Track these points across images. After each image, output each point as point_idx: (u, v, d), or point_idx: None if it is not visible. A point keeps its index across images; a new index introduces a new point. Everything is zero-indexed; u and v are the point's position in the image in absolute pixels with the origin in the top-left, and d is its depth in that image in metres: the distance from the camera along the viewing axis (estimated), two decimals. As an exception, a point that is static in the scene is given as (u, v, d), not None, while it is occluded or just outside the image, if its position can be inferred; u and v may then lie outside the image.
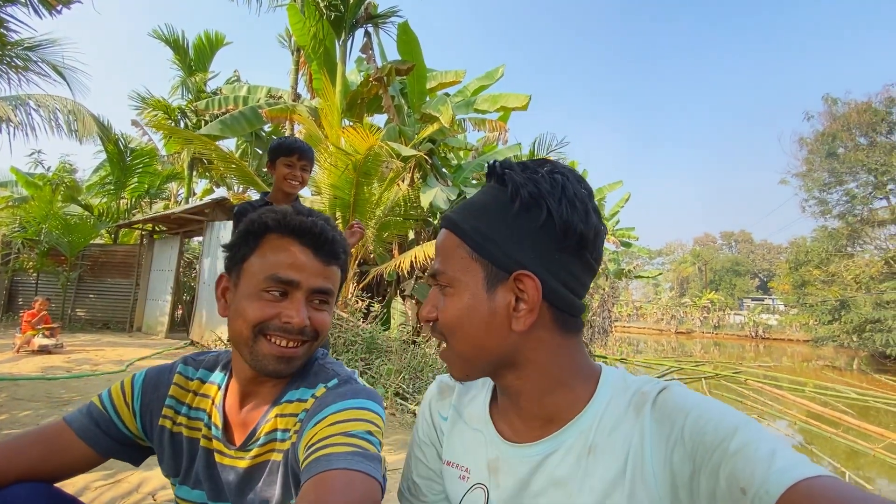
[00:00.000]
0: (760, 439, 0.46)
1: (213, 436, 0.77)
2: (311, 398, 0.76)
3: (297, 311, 0.73)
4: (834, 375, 13.38)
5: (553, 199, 0.57)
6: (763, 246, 60.49)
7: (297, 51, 9.24)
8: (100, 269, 10.91)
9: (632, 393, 0.60)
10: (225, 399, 0.80)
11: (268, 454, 0.75)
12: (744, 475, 0.44)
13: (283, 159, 2.05)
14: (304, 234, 0.75)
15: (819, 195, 17.67)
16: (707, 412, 0.52)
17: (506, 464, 0.63)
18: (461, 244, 0.61)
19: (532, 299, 0.58)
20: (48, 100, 8.44)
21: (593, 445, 0.57)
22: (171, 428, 0.80)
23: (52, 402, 3.81)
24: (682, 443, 0.51)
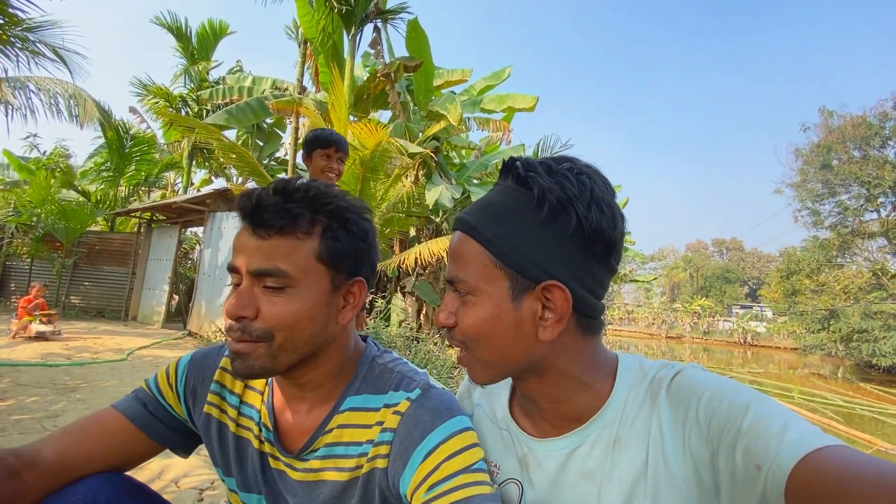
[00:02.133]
0: (772, 414, 0.46)
1: (266, 438, 0.71)
2: (384, 408, 0.67)
3: (230, 302, 0.62)
4: (820, 383, 13.63)
5: (582, 204, 0.55)
6: (753, 254, 61.23)
7: (304, 43, 9.18)
8: (96, 256, 10.79)
9: (649, 380, 0.59)
10: (273, 397, 0.73)
11: (331, 472, 0.67)
12: (757, 451, 0.44)
13: (321, 151, 2.06)
14: (245, 212, 0.64)
15: (812, 206, 17.94)
16: (719, 392, 0.52)
17: (534, 459, 0.63)
18: (483, 251, 0.58)
19: (561, 309, 0.56)
20: (49, 83, 8.31)
21: (618, 438, 0.57)
22: (219, 418, 0.74)
23: (58, 388, 3.78)
24: (697, 425, 0.51)
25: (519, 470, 0.64)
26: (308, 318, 0.64)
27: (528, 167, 0.58)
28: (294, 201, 0.64)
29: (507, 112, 9.19)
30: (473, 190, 8.05)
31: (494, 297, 0.57)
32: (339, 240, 0.66)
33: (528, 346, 0.58)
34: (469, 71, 9.32)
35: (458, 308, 0.60)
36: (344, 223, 0.66)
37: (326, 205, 0.65)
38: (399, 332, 6.05)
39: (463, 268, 0.59)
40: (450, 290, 0.61)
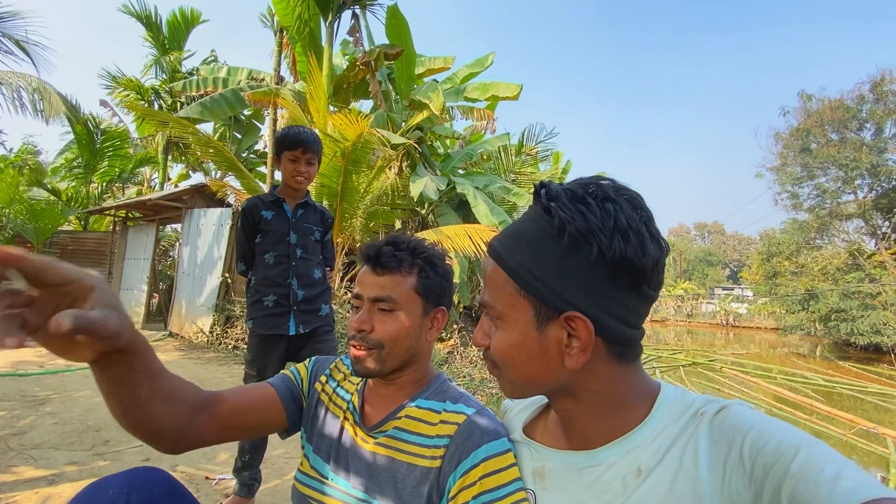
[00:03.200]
0: (825, 459, 0.44)
1: (351, 414, 0.92)
2: (444, 413, 0.85)
3: (357, 319, 0.87)
4: (799, 362, 13.99)
5: (604, 234, 0.54)
6: (734, 237, 62.50)
7: (280, 31, 8.86)
8: (69, 257, 10.40)
9: (691, 413, 0.58)
10: (365, 388, 0.96)
11: (392, 450, 0.85)
12: (806, 498, 0.42)
13: (287, 153, 1.92)
14: (367, 256, 0.91)
15: (792, 189, 18.25)
16: (767, 431, 0.49)
17: (552, 469, 0.66)
18: (508, 280, 0.59)
19: (584, 340, 0.56)
20: (10, 77, 7.89)
21: (644, 467, 0.56)
22: (321, 394, 0.97)
23: (27, 401, 3.59)
24: (740, 464, 0.49)
25: (532, 481, 0.68)
26: (406, 334, 0.87)
27: (551, 195, 0.58)
28: (400, 250, 0.89)
29: (491, 101, 9.05)
30: (458, 181, 7.93)
31: (520, 324, 0.59)
32: (429, 278, 0.90)
33: (555, 372, 0.60)
34: (452, 58, 9.14)
35: (490, 330, 0.63)
36: (433, 266, 0.92)
37: (422, 252, 0.91)
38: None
39: (492, 294, 0.62)
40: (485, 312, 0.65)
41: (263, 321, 1.96)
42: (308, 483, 0.91)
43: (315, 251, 2.07)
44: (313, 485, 0.90)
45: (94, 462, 2.50)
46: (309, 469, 0.92)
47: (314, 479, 0.90)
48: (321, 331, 2.00)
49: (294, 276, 1.98)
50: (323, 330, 2.01)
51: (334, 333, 2.10)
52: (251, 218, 1.97)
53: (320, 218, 2.10)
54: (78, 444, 2.76)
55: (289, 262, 1.98)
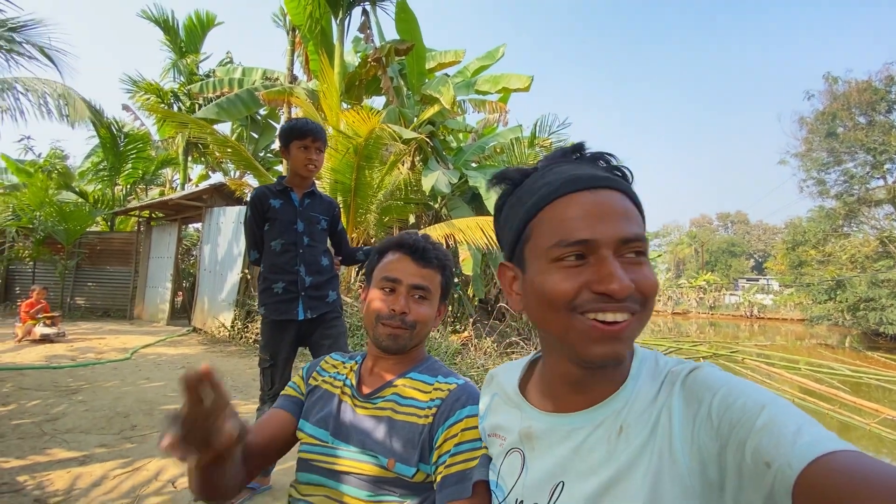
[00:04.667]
0: (787, 415, 0.46)
1: (347, 386, 1.04)
2: (437, 384, 0.98)
3: (398, 302, 0.99)
4: (827, 353, 13.58)
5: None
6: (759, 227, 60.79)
7: (293, 30, 8.98)
8: (98, 256, 10.80)
9: (664, 373, 0.60)
10: (360, 369, 1.07)
11: (388, 411, 0.96)
12: (768, 450, 0.44)
13: (297, 142, 1.99)
14: (408, 247, 1.03)
15: (817, 175, 17.67)
16: (735, 389, 0.52)
17: (540, 431, 0.66)
18: (639, 216, 0.60)
19: None
20: (36, 83, 8.19)
21: (625, 424, 0.58)
22: (316, 384, 1.08)
23: (61, 391, 3.79)
24: (709, 419, 0.51)
25: (519, 441, 0.69)
26: (430, 319, 1.03)
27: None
28: (437, 250, 1.05)
29: (502, 93, 9.01)
30: (470, 174, 7.93)
31: (648, 254, 0.60)
32: (447, 278, 1.07)
33: None
34: (462, 52, 9.12)
35: (629, 269, 0.56)
36: (450, 269, 1.08)
37: (446, 256, 1.07)
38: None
39: (640, 226, 0.59)
40: (616, 255, 0.56)
41: (274, 307, 2.04)
42: (311, 449, 1.00)
43: (322, 239, 2.14)
44: (317, 450, 0.99)
45: (121, 444, 2.64)
46: (310, 439, 1.01)
47: (317, 446, 0.99)
48: (329, 317, 2.07)
49: (302, 262, 2.05)
50: (331, 316, 2.08)
51: (343, 319, 2.17)
52: (260, 206, 2.05)
53: (327, 207, 2.17)
54: (107, 429, 2.91)
55: (296, 249, 2.05)
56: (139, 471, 2.29)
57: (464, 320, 8.43)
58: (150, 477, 2.22)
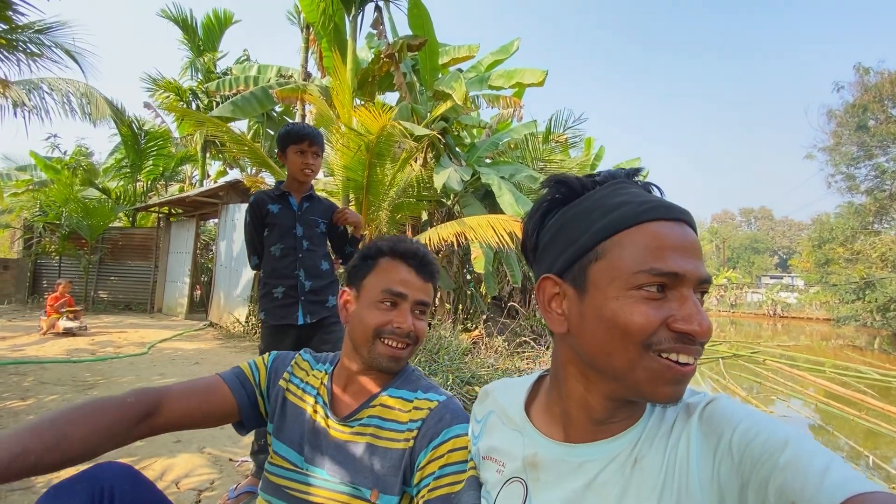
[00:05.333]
0: (813, 453, 0.45)
1: (320, 407, 0.95)
2: (416, 401, 0.92)
3: (405, 319, 0.93)
4: (854, 355, 13.13)
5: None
6: (784, 223, 59.08)
7: (307, 28, 9.00)
8: (120, 251, 11.10)
9: (679, 406, 0.58)
10: (332, 383, 0.99)
11: (367, 437, 0.90)
12: (794, 489, 0.42)
13: (294, 147, 1.98)
14: (411, 258, 0.96)
15: (846, 170, 17.01)
16: (756, 424, 0.50)
17: (546, 461, 0.62)
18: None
19: None
20: (61, 83, 8.43)
21: (639, 457, 0.56)
22: (285, 391, 0.99)
23: (77, 386, 3.89)
24: (729, 455, 0.50)
25: (522, 469, 0.65)
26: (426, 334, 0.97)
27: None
28: (434, 262, 0.99)
29: (516, 88, 8.88)
30: (483, 171, 7.86)
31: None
32: (435, 288, 1.02)
33: None
34: (476, 46, 9.00)
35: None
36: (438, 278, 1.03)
37: (438, 266, 1.01)
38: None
39: (706, 267, 0.57)
40: (694, 293, 0.55)
41: (274, 312, 2.04)
42: (282, 474, 0.93)
43: (321, 243, 2.13)
44: (288, 475, 0.92)
45: (130, 443, 2.69)
46: (281, 461, 0.94)
47: (289, 470, 0.93)
48: (328, 322, 2.06)
49: (301, 267, 2.04)
50: (330, 321, 2.07)
51: (342, 324, 2.16)
52: (258, 212, 2.05)
53: (325, 210, 2.15)
54: (118, 426, 2.97)
55: (295, 254, 2.04)
56: (145, 469, 2.32)
57: (475, 318, 8.39)
58: (156, 476, 2.25)
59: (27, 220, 11.29)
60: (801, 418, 6.73)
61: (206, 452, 2.54)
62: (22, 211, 12.10)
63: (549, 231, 0.64)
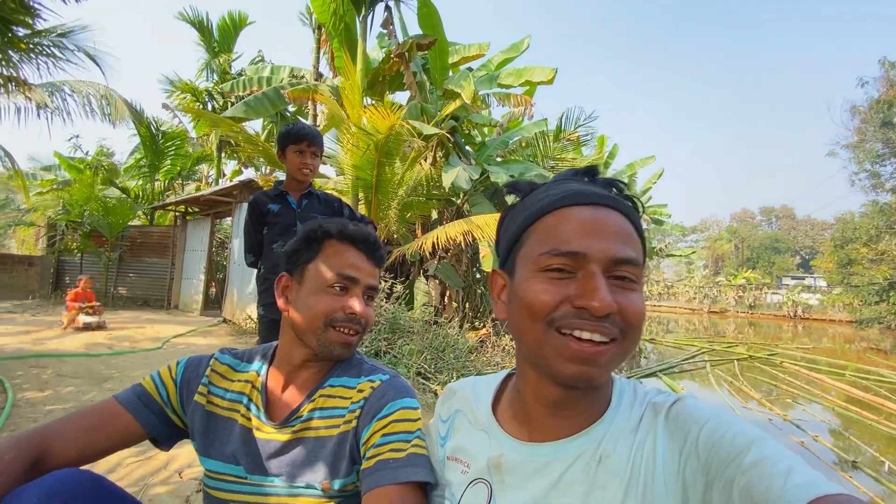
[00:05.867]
0: (778, 455, 0.45)
1: (253, 415, 0.88)
2: (359, 385, 0.88)
3: (358, 303, 0.88)
4: (878, 359, 12.73)
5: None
6: (806, 222, 57.54)
7: (319, 28, 9.12)
8: (138, 249, 11.39)
9: (644, 404, 0.59)
10: (266, 383, 0.91)
11: (310, 431, 0.86)
12: (759, 490, 0.43)
13: (293, 146, 2.02)
14: (361, 242, 0.92)
15: (871, 168, 16.52)
16: (722, 425, 0.50)
17: (509, 461, 0.62)
18: (641, 244, 0.59)
19: None
20: (82, 85, 8.68)
21: (604, 455, 0.56)
22: (206, 406, 0.89)
23: (94, 378, 4.03)
24: (695, 455, 0.50)
25: (487, 471, 0.63)
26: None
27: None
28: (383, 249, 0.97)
29: (527, 86, 8.84)
30: (493, 169, 7.85)
31: (642, 285, 0.57)
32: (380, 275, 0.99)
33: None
34: (486, 45, 8.99)
35: (616, 292, 0.55)
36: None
37: (384, 251, 0.99)
38: (418, 316, 6.08)
39: (637, 252, 0.56)
40: (606, 274, 0.55)
41: (274, 307, 2.08)
42: (226, 487, 0.87)
43: None
44: (233, 487, 0.86)
45: (139, 434, 2.78)
46: (218, 475, 0.88)
47: (232, 482, 0.87)
48: None
49: None
50: None
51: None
52: (258, 212, 2.09)
53: (325, 206, 2.19)
54: (129, 418, 3.07)
55: None
56: (151, 460, 2.41)
57: (484, 317, 8.40)
58: (160, 466, 2.33)
59: (51, 219, 11.66)
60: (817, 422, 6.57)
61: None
62: (46, 210, 12.50)
63: (501, 230, 0.68)
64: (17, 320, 7.35)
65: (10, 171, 9.17)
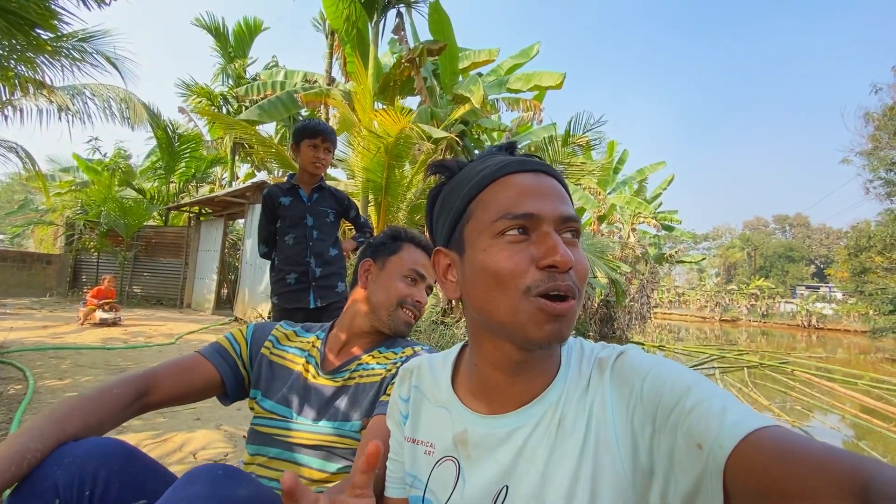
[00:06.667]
0: (712, 396, 0.47)
1: (311, 365, 1.06)
2: (404, 351, 1.08)
3: (422, 295, 1.11)
4: (893, 369, 12.49)
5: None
6: (821, 230, 56.63)
7: (332, 34, 9.31)
8: (153, 249, 11.64)
9: (591, 360, 0.60)
10: (325, 345, 1.10)
11: (356, 380, 1.02)
12: (698, 431, 0.45)
13: (308, 141, 2.12)
14: (423, 245, 1.14)
15: (886, 175, 16.27)
16: (662, 373, 0.52)
17: (474, 436, 0.62)
18: (570, 201, 0.61)
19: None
20: (102, 89, 8.93)
21: (563, 417, 0.57)
22: (270, 356, 1.08)
23: (110, 369, 4.16)
24: (641, 405, 0.52)
25: (454, 448, 0.64)
26: None
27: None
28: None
29: (535, 91, 8.92)
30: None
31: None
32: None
33: None
34: (496, 50, 9.10)
35: (566, 250, 0.56)
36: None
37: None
38: (425, 317, 6.15)
39: (573, 210, 0.60)
40: (561, 233, 0.57)
41: (287, 296, 2.18)
42: (270, 423, 1.01)
43: (330, 232, 2.26)
44: (277, 424, 1.00)
45: (155, 418, 2.88)
46: (267, 413, 1.02)
47: (277, 420, 1.00)
48: (336, 306, 2.19)
49: (311, 254, 2.18)
50: (337, 305, 2.19)
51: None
52: (271, 204, 2.19)
53: (335, 200, 2.28)
54: (144, 405, 3.17)
55: (306, 242, 2.18)
56: (166, 442, 2.50)
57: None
58: (175, 448, 2.42)
59: (69, 219, 11.96)
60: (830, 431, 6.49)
61: (222, 429, 2.71)
62: (64, 210, 12.82)
63: (435, 210, 0.68)
64: (35, 315, 7.56)
65: (31, 172, 9.44)
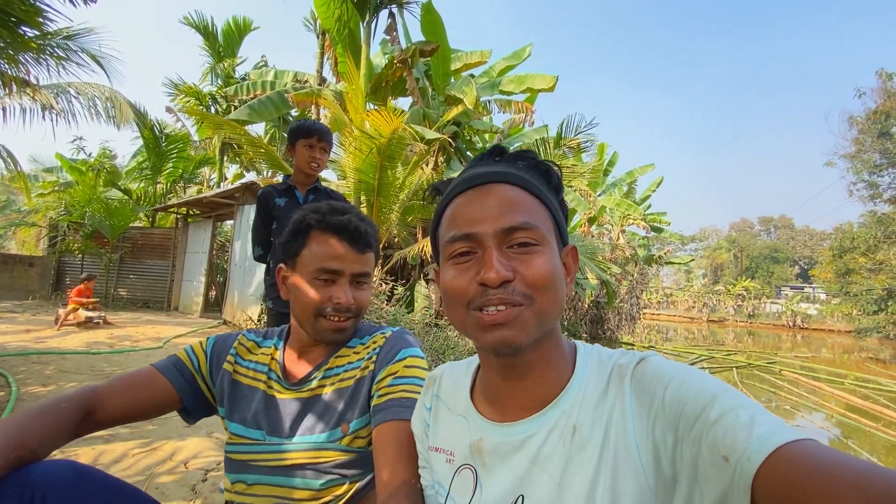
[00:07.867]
0: (739, 406, 0.46)
1: (273, 381, 0.95)
2: (369, 340, 0.97)
3: (343, 294, 0.92)
4: (877, 368, 12.75)
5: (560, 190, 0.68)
6: (805, 232, 57.74)
7: (323, 34, 9.24)
8: (139, 250, 11.41)
9: (610, 367, 0.59)
10: (284, 355, 0.99)
11: (328, 387, 0.93)
12: (725, 443, 0.44)
13: (303, 141, 2.07)
14: (342, 231, 0.93)
15: (869, 178, 16.65)
16: (686, 381, 0.51)
17: (489, 444, 0.62)
18: (540, 205, 0.61)
19: (573, 271, 0.64)
20: (87, 87, 8.75)
21: (578, 425, 0.56)
22: (232, 374, 0.97)
23: (96, 375, 4.04)
24: (663, 414, 0.51)
25: (471, 456, 0.64)
26: (369, 299, 0.99)
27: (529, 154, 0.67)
28: (371, 230, 0.97)
29: (527, 93, 8.94)
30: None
31: (553, 248, 0.60)
32: (377, 252, 1.01)
33: (563, 301, 0.60)
34: (488, 52, 9.11)
35: (515, 260, 0.57)
36: (378, 242, 1.02)
37: (376, 232, 1.00)
38: (419, 319, 6.10)
39: (531, 215, 0.59)
40: (499, 244, 0.58)
41: (282, 300, 2.12)
42: (245, 449, 0.91)
43: None
44: (249, 448, 0.91)
45: (144, 426, 2.80)
46: (237, 438, 0.92)
47: (248, 444, 0.91)
48: None
49: None
50: None
51: None
52: (265, 205, 2.14)
53: None
54: (132, 412, 3.08)
55: None
56: (156, 451, 2.42)
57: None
58: (165, 457, 2.34)
59: (52, 220, 11.69)
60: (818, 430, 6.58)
61: (213, 437, 2.63)
62: (48, 211, 12.54)
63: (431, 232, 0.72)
64: (17, 319, 7.36)
65: (13, 172, 9.20)
